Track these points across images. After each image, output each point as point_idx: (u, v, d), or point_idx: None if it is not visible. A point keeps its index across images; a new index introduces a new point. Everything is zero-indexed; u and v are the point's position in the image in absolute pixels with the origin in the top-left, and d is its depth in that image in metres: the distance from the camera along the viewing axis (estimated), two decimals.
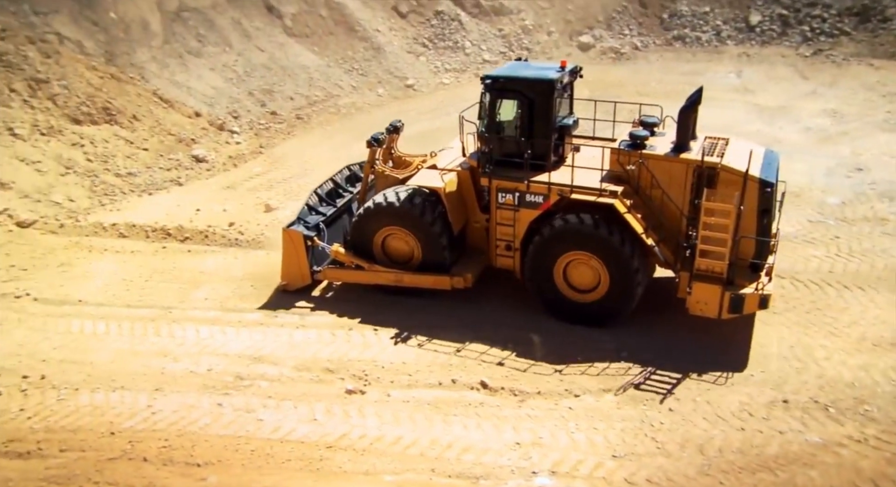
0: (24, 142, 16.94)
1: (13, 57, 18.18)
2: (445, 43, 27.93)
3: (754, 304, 10.49)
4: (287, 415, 9.80)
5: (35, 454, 9.09)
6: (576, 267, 11.46)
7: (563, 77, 11.71)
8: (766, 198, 10.50)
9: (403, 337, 11.57)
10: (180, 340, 11.66)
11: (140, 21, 22.84)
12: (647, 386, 10.36)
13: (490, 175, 11.79)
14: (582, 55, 27.95)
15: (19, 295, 12.81)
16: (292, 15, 26.36)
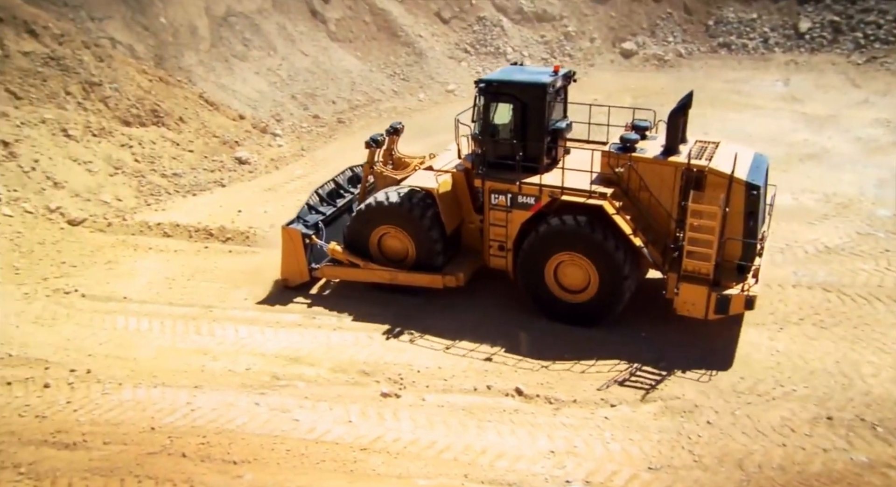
0: (77, 143, 17.45)
1: (70, 61, 18.77)
2: (487, 48, 27.98)
3: (740, 305, 10.59)
4: (322, 416, 9.88)
5: (80, 445, 9.33)
6: (566, 268, 11.64)
7: (556, 81, 11.92)
8: (752, 201, 10.62)
9: (440, 341, 11.59)
10: (220, 339, 11.86)
11: (188, 26, 23.40)
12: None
13: (483, 176, 12.00)
14: (625, 62, 27.75)
15: (68, 291, 13.18)
16: (336, 20, 26.70)
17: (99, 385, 10.55)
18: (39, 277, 13.48)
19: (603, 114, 12.82)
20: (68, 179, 16.45)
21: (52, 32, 19.16)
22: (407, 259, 12.76)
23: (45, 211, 15.27)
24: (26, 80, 17.77)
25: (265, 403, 10.13)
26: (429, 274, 12.47)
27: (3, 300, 12.42)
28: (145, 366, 11.03)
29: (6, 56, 17.90)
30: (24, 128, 16.81)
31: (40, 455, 9.12)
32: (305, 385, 10.59)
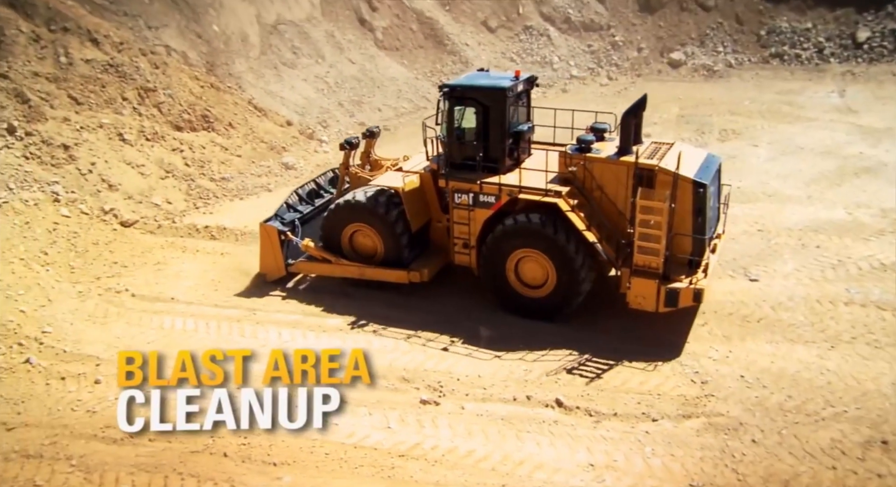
0: (132, 147, 17.98)
1: (127, 67, 19.37)
2: (533, 58, 27.96)
3: (689, 298, 11.07)
4: (361, 421, 9.93)
5: (127, 441, 9.55)
6: (526, 264, 12.11)
7: (517, 86, 12.40)
8: (699, 198, 11.10)
9: (480, 349, 11.56)
10: (263, 341, 12.02)
11: (239, 33, 23.94)
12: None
13: (446, 177, 12.52)
14: (672, 72, 27.41)
15: (119, 291, 13.56)
16: (384, 28, 27.01)
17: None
18: (93, 276, 13.90)
19: (590, 118, 13.06)
20: (122, 182, 16.94)
21: (113, 40, 19.81)
22: (376, 255, 13.30)
23: (99, 212, 15.75)
24: (87, 87, 18.39)
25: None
26: (395, 269, 13.01)
27: (59, 297, 12.84)
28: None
29: (70, 63, 18.57)
30: (84, 132, 17.40)
31: (90, 449, 9.39)
32: (345, 389, 10.65)
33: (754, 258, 13.93)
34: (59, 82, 18.06)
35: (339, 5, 26.99)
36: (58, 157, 16.58)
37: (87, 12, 20.32)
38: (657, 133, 21.28)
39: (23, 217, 14.58)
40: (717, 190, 12.07)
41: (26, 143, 16.36)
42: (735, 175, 18.01)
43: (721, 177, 12.22)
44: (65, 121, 17.35)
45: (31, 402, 10.32)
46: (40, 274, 13.32)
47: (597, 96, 26.16)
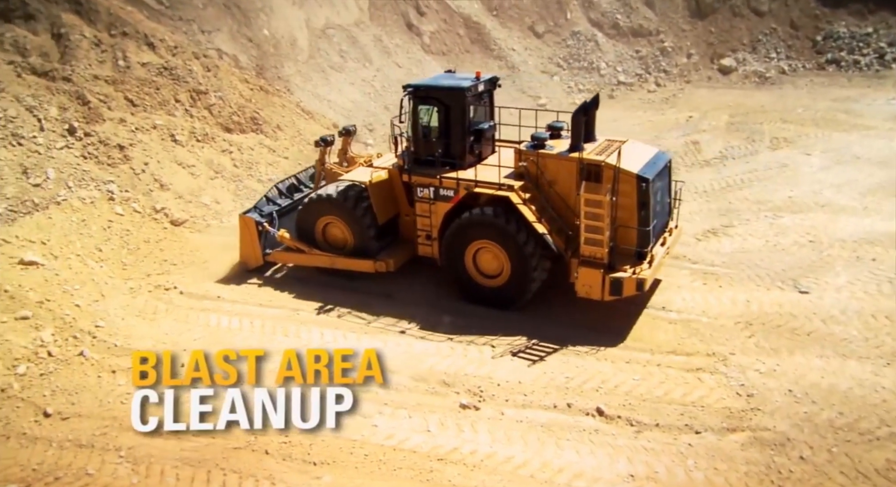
0: (183, 148, 18.43)
1: (181, 70, 19.88)
2: (580, 63, 27.77)
3: (632, 287, 11.61)
4: (401, 424, 9.98)
5: (172, 435, 9.78)
6: (483, 255, 12.73)
7: (477, 86, 13.07)
8: (642, 193, 11.61)
9: (521, 355, 11.51)
10: (305, 341, 12.17)
11: (289, 37, 24.36)
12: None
13: (409, 172, 13.21)
14: (723, 79, 26.90)
15: (168, 288, 13.89)
16: (431, 33, 27.16)
17: None
18: (144, 273, 14.28)
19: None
20: (173, 182, 17.36)
21: (168, 44, 20.36)
22: (346, 246, 13.99)
23: (151, 211, 16.17)
24: (142, 89, 18.92)
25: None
26: (364, 259, 13.70)
27: (111, 293, 13.22)
28: None
29: (127, 67, 19.15)
30: (138, 133, 17.89)
31: (137, 442, 9.61)
32: (386, 391, 10.71)
33: (805, 269, 13.57)
34: (116, 85, 18.63)
35: (388, 10, 27.25)
36: (113, 157, 17.09)
37: (144, 17, 20.94)
38: (706, 141, 20.95)
39: (80, 214, 15.06)
40: (665, 185, 12.69)
41: (85, 144, 16.90)
42: (786, 184, 17.62)
43: (671, 173, 12.89)
44: (121, 122, 17.88)
45: (83, 393, 10.65)
46: (95, 270, 13.74)
47: (644, 102, 25.86)
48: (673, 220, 13.24)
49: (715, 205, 16.91)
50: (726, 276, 13.54)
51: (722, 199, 17.18)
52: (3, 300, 11.75)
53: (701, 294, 13.04)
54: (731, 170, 18.90)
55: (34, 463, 9.31)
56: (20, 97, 16.76)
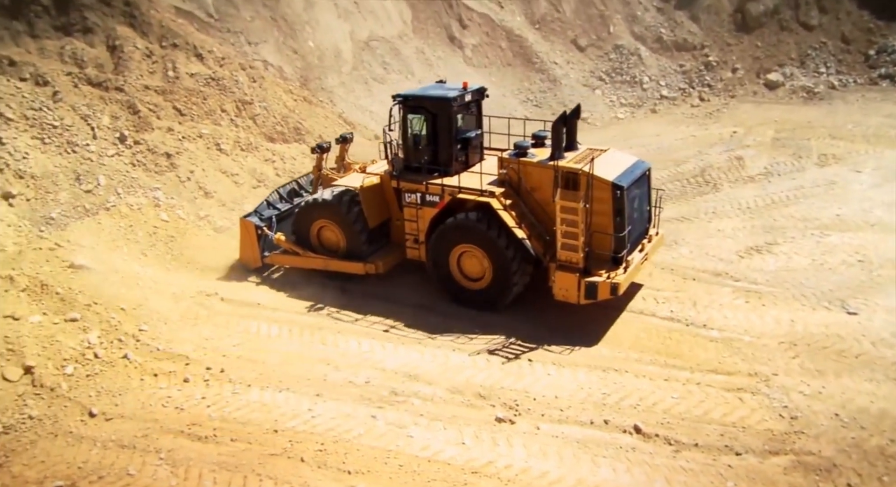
0: (227, 157, 18.82)
1: (227, 81, 20.34)
2: (623, 77, 27.58)
3: (606, 291, 11.90)
4: (436, 435, 9.97)
5: (211, 439, 9.95)
6: (467, 259, 13.19)
7: (464, 96, 13.47)
8: (617, 200, 11.88)
9: (558, 369, 11.41)
10: (343, 350, 12.28)
11: (333, 49, 24.74)
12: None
13: (398, 178, 13.72)
14: (769, 94, 26.41)
15: (210, 294, 14.15)
16: (473, 46, 27.31)
17: (230, 384, 11.23)
18: (187, 279, 14.57)
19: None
20: (217, 190, 17.73)
21: (216, 56, 20.86)
22: (339, 249, 14.47)
23: (195, 218, 16.53)
24: (190, 99, 19.40)
25: (382, 417, 10.37)
26: (355, 262, 14.16)
27: (155, 298, 13.51)
28: (273, 370, 11.61)
29: (176, 77, 19.67)
30: (185, 141, 18.34)
31: (177, 445, 9.81)
32: (422, 402, 10.74)
33: (853, 290, 13.19)
34: (165, 94, 19.14)
35: (430, 23, 27.50)
36: (161, 165, 17.53)
37: (194, 29, 21.50)
38: (750, 156, 20.59)
39: (127, 220, 15.48)
40: (644, 193, 13.02)
41: (134, 151, 17.38)
42: (834, 202, 17.20)
43: (650, 181, 13.25)
44: (169, 131, 18.34)
45: (126, 395, 10.90)
46: (140, 274, 14.07)
47: (687, 117, 25.53)
48: (654, 227, 13.59)
49: (759, 221, 16.59)
50: (770, 295, 13.25)
51: (766, 216, 16.83)
52: (54, 302, 12.11)
53: (743, 312, 12.78)
54: (776, 187, 18.52)
55: (79, 462, 9.55)
56: (76, 106, 17.34)
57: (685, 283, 13.86)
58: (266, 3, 24.06)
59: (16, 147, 15.70)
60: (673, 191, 18.80)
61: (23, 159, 15.58)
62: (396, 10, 27.27)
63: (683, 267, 14.50)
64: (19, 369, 10.79)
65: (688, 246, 15.45)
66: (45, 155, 16.02)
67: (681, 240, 15.79)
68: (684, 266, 14.55)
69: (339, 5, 25.83)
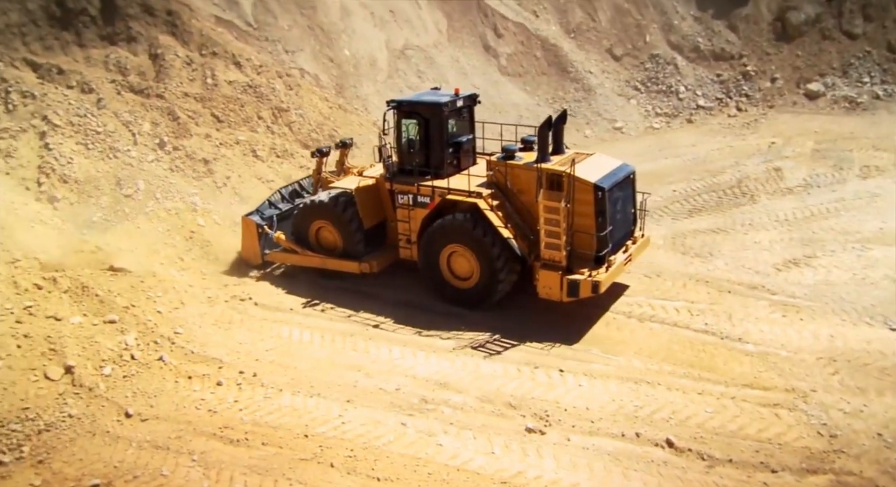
0: (263, 163, 19.09)
1: (264, 88, 20.66)
2: (658, 87, 27.31)
3: (588, 289, 12.24)
4: (466, 444, 9.95)
5: (242, 442, 10.07)
6: (456, 259, 13.54)
7: (456, 102, 13.94)
8: (598, 201, 12.24)
9: (589, 381, 11.30)
10: (374, 357, 12.33)
11: (369, 58, 24.95)
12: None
13: (391, 180, 14.20)
14: (809, 104, 25.91)
15: (244, 299, 14.34)
16: (508, 55, 27.30)
17: (262, 388, 11.36)
18: (221, 284, 14.81)
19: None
20: (252, 195, 17.96)
21: (253, 64, 21.21)
22: (336, 248, 14.87)
23: (230, 223, 16.76)
24: (228, 106, 19.75)
25: (412, 424, 10.38)
26: (350, 261, 14.55)
27: (191, 301, 13.74)
28: (304, 376, 11.71)
29: (215, 84, 20.04)
30: (222, 148, 18.65)
31: (209, 447, 9.95)
32: (452, 411, 10.72)
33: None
34: (204, 102, 19.50)
35: (466, 32, 27.57)
36: (198, 171, 17.85)
37: (233, 37, 21.88)
38: (789, 168, 20.24)
39: (165, 225, 15.78)
40: (628, 196, 13.34)
41: (173, 157, 17.73)
42: (877, 214, 16.81)
43: (635, 184, 13.54)
44: (207, 137, 18.67)
45: (161, 397, 11.09)
46: (176, 278, 14.33)
47: (724, 127, 25.18)
48: (639, 229, 13.97)
49: (797, 234, 16.26)
50: (808, 309, 12.97)
51: (805, 229, 16.50)
52: (94, 303, 12.39)
53: (780, 326, 12.53)
54: (815, 199, 18.15)
55: (115, 461, 9.74)
56: (118, 113, 17.76)
57: (720, 296, 13.65)
58: (304, 12, 24.37)
59: (61, 152, 16.13)
60: (708, 202, 18.54)
61: (67, 164, 15.99)
62: (432, 19, 27.41)
63: (718, 279, 14.28)
64: (60, 368, 11.06)
65: (723, 259, 15.22)
66: (88, 160, 16.42)
67: (716, 252, 15.56)
68: (719, 278, 14.33)
69: (376, 14, 26.05)
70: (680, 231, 16.80)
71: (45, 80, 18.19)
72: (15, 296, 11.88)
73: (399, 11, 26.65)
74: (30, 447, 9.91)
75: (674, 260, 15.27)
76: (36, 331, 11.42)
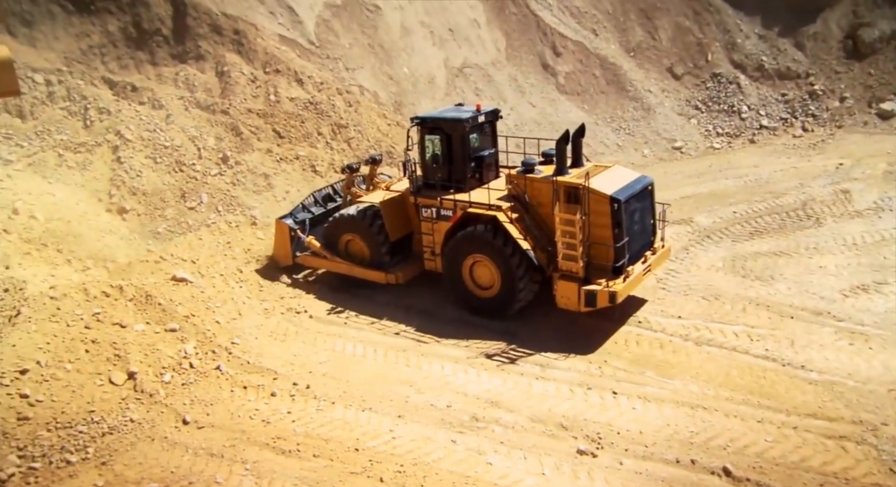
0: (322, 178, 19.47)
1: (325, 105, 21.13)
2: (720, 106, 26.77)
3: (605, 299, 12.42)
4: (516, 464, 9.85)
5: (294, 453, 10.20)
6: (478, 269, 13.86)
7: (478, 118, 14.32)
8: (615, 213, 12.46)
9: (644, 403, 11.06)
10: (426, 373, 12.35)
11: (427, 75, 25.25)
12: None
13: (415, 194, 14.62)
14: (881, 124, 24.94)
15: (299, 311, 14.60)
16: (566, 73, 27.24)
17: (315, 400, 11.50)
18: (277, 296, 15.10)
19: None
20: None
21: (315, 81, 21.73)
22: (364, 259, 15.32)
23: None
24: (289, 122, 20.26)
25: (462, 442, 10.34)
26: (377, 270, 15.01)
27: (248, 312, 14.06)
28: (356, 389, 11.80)
29: (277, 101, 20.61)
30: (282, 162, 19.12)
31: (262, 456, 10.11)
32: (502, 430, 10.64)
33: None
34: (266, 118, 20.06)
35: (524, 50, 27.64)
36: (259, 185, 18.33)
37: (296, 55, 22.48)
38: (858, 190, 19.52)
39: (226, 237, 16.23)
40: (646, 207, 13.55)
41: (235, 172, 18.27)
42: None
43: (654, 196, 13.77)
44: (268, 152, 19.19)
45: (217, 406, 11.34)
46: (234, 289, 14.70)
47: (788, 148, 24.47)
48: (659, 240, 14.08)
49: (866, 259, 15.62)
50: (878, 337, 12.42)
51: (875, 254, 15.84)
52: (157, 312, 12.80)
53: (847, 354, 12.03)
54: (886, 223, 17.42)
55: (172, 466, 9.99)
56: (185, 128, 18.44)
57: (782, 321, 13.20)
58: (365, 30, 24.87)
59: (132, 165, 16.82)
60: (771, 225, 17.99)
61: (137, 177, 16.67)
62: (491, 38, 27.59)
63: (780, 303, 13.82)
64: (123, 374, 11.45)
65: (785, 283, 14.73)
66: (155, 173, 17.08)
67: (778, 276, 15.07)
68: (781, 302, 13.86)
69: (435, 33, 26.38)
70: (740, 253, 16.34)
71: (120, 97, 19.07)
72: (85, 303, 12.38)
73: (458, 30, 26.92)
74: (94, 448, 10.26)
75: (733, 282, 14.84)
76: (103, 337, 11.87)
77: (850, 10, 27.36)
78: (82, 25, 20.61)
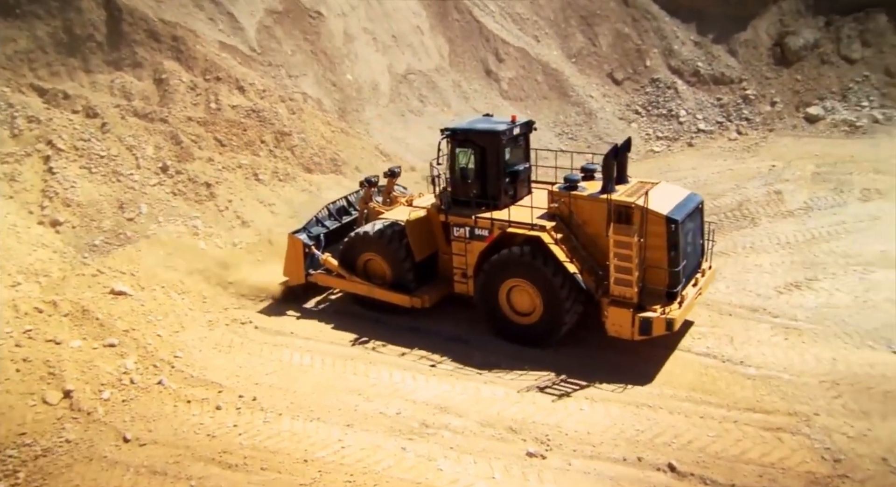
0: (265, 187, 19.18)
1: (267, 113, 20.84)
2: (659, 110, 27.50)
3: (661, 327, 11.61)
4: (466, 469, 9.86)
5: (241, 467, 9.99)
6: (517, 293, 12.91)
7: (513, 130, 13.32)
8: (672, 234, 11.62)
9: (591, 404, 11.23)
10: (374, 381, 12.26)
11: (371, 82, 25.20)
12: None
13: (446, 212, 13.56)
14: (809, 127, 26.03)
15: (244, 322, 14.32)
16: (509, 79, 27.56)
17: (262, 412, 11.28)
18: (221, 307, 14.78)
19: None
20: (254, 219, 18.05)
21: (256, 88, 21.43)
22: (385, 280, 14.37)
23: (231, 247, 16.81)
24: (231, 130, 19.91)
25: (412, 449, 10.30)
26: (400, 293, 14.02)
27: (191, 325, 13.73)
28: (304, 400, 11.64)
29: (218, 109, 20.23)
30: (224, 171, 18.76)
31: (207, 472, 9.87)
32: (452, 435, 10.64)
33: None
34: (207, 126, 19.66)
35: (467, 56, 27.88)
36: (200, 194, 17.94)
37: (237, 63, 22.13)
38: (789, 191, 20.27)
39: (167, 248, 15.82)
40: (697, 227, 12.73)
41: (175, 181, 17.84)
42: (878, 237, 16.79)
43: (703, 214, 13.02)
44: (209, 161, 18.80)
45: (160, 422, 11.03)
46: (176, 302, 14.32)
47: (724, 151, 25.29)
48: (706, 261, 13.33)
49: (798, 257, 16.24)
50: (810, 332, 12.92)
51: (806, 252, 16.49)
52: (94, 327, 12.39)
53: (782, 349, 12.47)
54: (816, 222, 18.16)
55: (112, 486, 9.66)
56: (122, 137, 17.92)
57: (721, 319, 13.61)
58: (307, 37, 24.68)
59: (65, 176, 16.25)
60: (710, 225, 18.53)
61: (70, 188, 16.11)
62: (434, 44, 27.73)
63: (720, 302, 14.25)
64: (59, 393, 11.03)
65: (724, 281, 15.19)
66: (91, 183, 16.54)
67: (717, 275, 15.53)
68: (721, 301, 14.29)
69: (379, 40, 26.37)
70: None
71: (51, 105, 18.41)
72: (14, 320, 11.90)
73: (401, 36, 26.98)
74: (26, 473, 9.84)
75: None
76: (35, 355, 11.42)
77: (777, 19, 28.52)
78: (7, 30, 19.87)
